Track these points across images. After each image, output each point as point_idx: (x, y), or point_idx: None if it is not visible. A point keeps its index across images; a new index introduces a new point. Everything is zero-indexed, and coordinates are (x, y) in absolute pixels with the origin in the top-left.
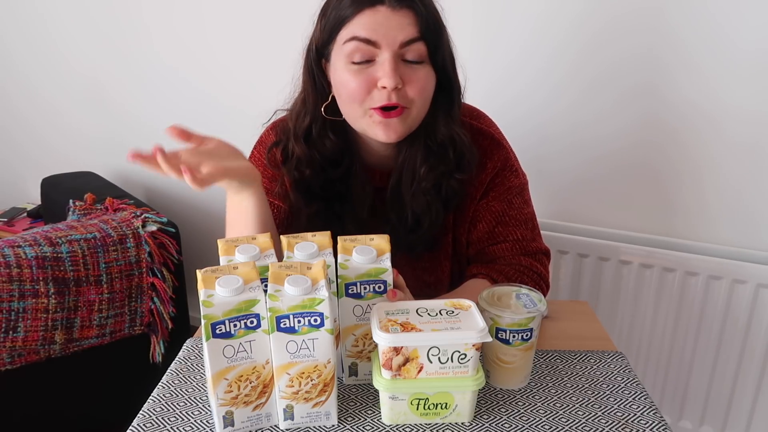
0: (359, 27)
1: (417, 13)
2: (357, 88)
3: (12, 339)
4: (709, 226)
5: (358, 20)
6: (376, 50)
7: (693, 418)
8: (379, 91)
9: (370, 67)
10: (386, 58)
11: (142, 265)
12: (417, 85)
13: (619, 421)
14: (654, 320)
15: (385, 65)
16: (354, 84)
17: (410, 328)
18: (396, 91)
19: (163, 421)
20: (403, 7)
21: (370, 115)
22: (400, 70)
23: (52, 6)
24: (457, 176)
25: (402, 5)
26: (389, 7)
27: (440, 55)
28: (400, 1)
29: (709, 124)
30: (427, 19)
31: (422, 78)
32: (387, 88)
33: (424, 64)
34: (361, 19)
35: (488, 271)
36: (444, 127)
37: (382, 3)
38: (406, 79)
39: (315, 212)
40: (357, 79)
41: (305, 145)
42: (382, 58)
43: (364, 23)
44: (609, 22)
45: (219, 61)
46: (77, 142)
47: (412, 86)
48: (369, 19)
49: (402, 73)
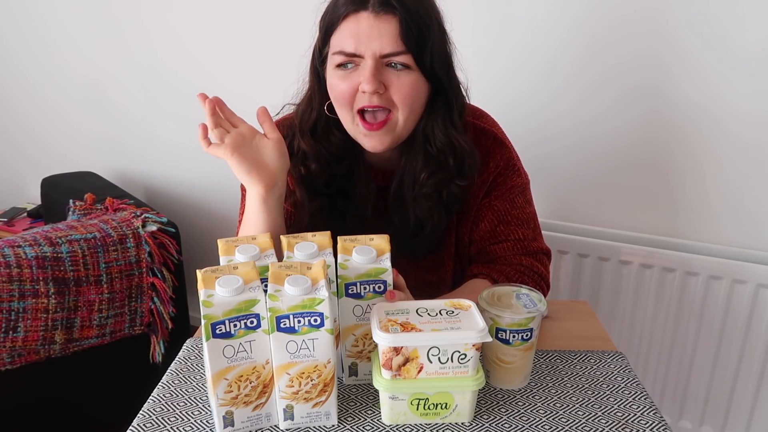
0: (343, 39)
1: (399, 19)
2: (343, 92)
3: (12, 339)
4: (709, 226)
5: (343, 28)
6: (359, 58)
7: (693, 418)
8: (362, 95)
9: (354, 71)
10: (368, 64)
11: (142, 265)
12: (401, 90)
13: (619, 421)
14: (654, 320)
15: (365, 71)
16: (340, 88)
17: (410, 328)
18: (378, 95)
19: (163, 421)
20: (387, 13)
21: (357, 124)
22: (382, 75)
23: (52, 7)
24: (458, 182)
25: (385, 11)
26: (372, 12)
27: (428, 60)
28: (383, 6)
29: (709, 124)
30: (410, 25)
31: (406, 83)
32: (366, 92)
33: (410, 69)
34: (345, 28)
35: (489, 272)
36: (442, 134)
37: (366, 8)
38: (388, 84)
39: (318, 208)
40: (342, 83)
41: (312, 140)
42: (364, 64)
43: (347, 34)
44: (611, 23)
45: (218, 62)
46: (77, 142)
47: (396, 91)
48: (352, 28)
49: (385, 78)
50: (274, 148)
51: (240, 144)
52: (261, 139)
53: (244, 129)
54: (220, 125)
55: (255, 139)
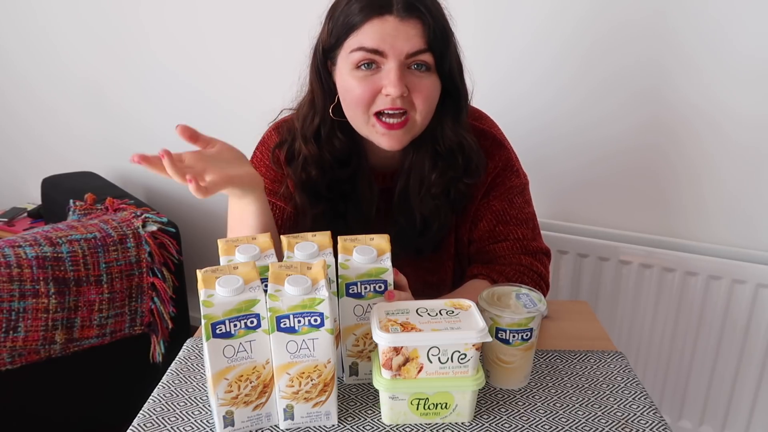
0: (367, 37)
1: (424, 23)
2: (362, 95)
3: (12, 339)
4: (709, 227)
5: (367, 29)
6: (382, 59)
7: (693, 417)
8: (384, 98)
9: (376, 74)
10: (392, 67)
11: (143, 265)
12: (422, 94)
13: (619, 421)
14: (654, 320)
15: (390, 74)
16: (359, 90)
17: (410, 328)
18: (401, 98)
19: (163, 421)
20: (412, 17)
21: (372, 124)
22: (405, 78)
23: (50, 9)
24: (466, 181)
25: (410, 15)
26: (397, 17)
27: (447, 63)
28: (408, 11)
29: (709, 126)
30: (435, 29)
31: (427, 86)
32: (391, 96)
33: (430, 72)
34: (369, 29)
35: (488, 272)
36: (452, 133)
37: (390, 12)
38: (411, 87)
39: (321, 212)
40: (362, 86)
41: (315, 145)
42: (388, 67)
43: (372, 33)
44: (611, 26)
45: (216, 63)
46: (77, 143)
47: (418, 94)
48: (377, 29)
49: (407, 81)
50: (231, 154)
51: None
52: (219, 152)
53: (215, 150)
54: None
55: (221, 154)
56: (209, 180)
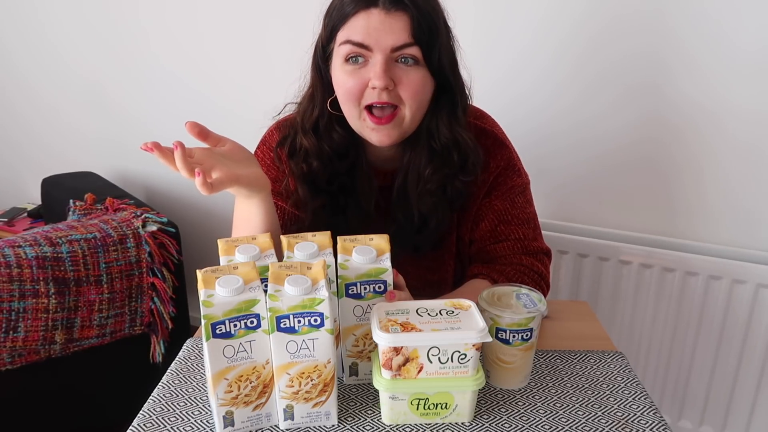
0: (354, 30)
1: (411, 16)
2: (351, 88)
3: (12, 339)
4: (709, 226)
5: (353, 23)
6: (369, 52)
7: (693, 418)
8: (371, 91)
9: (363, 68)
10: (378, 60)
11: (143, 265)
12: (409, 87)
13: (619, 421)
14: (654, 320)
15: (376, 66)
16: (349, 84)
17: (410, 328)
18: (387, 92)
19: (163, 421)
20: (398, 10)
21: (363, 119)
22: (392, 71)
23: (51, 9)
24: (462, 178)
25: (396, 8)
26: (383, 9)
27: (436, 57)
28: (394, 4)
29: (709, 123)
30: (421, 22)
31: (414, 80)
32: (377, 88)
33: (419, 66)
34: (356, 22)
35: (488, 272)
36: (447, 129)
37: (376, 5)
38: (398, 80)
39: (320, 206)
40: (351, 79)
41: (314, 137)
42: (374, 60)
43: (358, 26)
44: (610, 22)
45: (216, 64)
46: (77, 142)
47: (404, 87)
48: (363, 22)
49: (394, 74)
50: (241, 154)
51: (229, 165)
52: (230, 151)
53: (225, 148)
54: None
55: (231, 153)
56: (216, 177)
